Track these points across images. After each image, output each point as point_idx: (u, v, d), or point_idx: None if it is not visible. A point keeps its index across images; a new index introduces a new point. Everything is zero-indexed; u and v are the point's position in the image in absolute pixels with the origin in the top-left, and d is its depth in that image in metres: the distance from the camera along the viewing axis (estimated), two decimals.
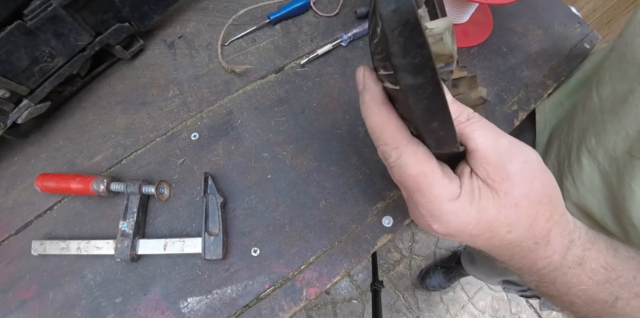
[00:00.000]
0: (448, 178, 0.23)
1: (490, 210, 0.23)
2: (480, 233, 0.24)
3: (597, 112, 0.42)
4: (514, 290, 0.82)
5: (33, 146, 0.43)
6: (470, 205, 0.23)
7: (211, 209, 0.40)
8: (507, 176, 0.23)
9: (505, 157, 0.23)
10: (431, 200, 0.23)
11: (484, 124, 0.24)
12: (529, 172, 0.23)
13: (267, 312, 0.38)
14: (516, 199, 0.23)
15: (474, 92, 0.34)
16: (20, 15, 0.33)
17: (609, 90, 0.41)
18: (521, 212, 0.23)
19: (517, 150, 0.23)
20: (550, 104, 0.57)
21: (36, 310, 0.37)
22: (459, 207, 0.23)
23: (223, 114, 0.46)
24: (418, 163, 0.23)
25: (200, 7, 0.51)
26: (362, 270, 1.43)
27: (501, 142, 0.23)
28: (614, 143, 0.39)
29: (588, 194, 0.45)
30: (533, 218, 0.23)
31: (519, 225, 0.23)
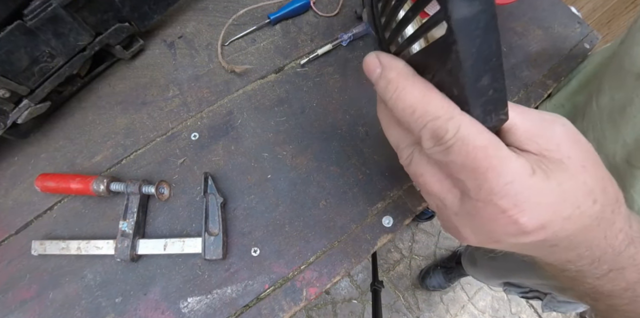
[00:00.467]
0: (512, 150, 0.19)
1: (568, 181, 0.19)
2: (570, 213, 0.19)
3: (596, 119, 0.43)
4: (515, 292, 0.82)
5: (33, 146, 0.43)
6: (549, 179, 0.18)
7: (211, 209, 0.40)
8: (561, 141, 0.20)
9: (546, 124, 0.20)
10: (511, 180, 0.18)
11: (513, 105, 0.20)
12: (574, 133, 0.21)
13: (267, 312, 0.38)
14: (582, 161, 0.19)
15: None
16: (20, 15, 0.33)
17: (607, 99, 0.42)
18: (591, 174, 0.19)
19: (549, 117, 0.21)
20: (551, 105, 0.57)
21: (36, 310, 0.37)
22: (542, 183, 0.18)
23: (223, 114, 0.46)
24: (483, 133, 0.18)
25: (200, 7, 0.51)
26: (362, 270, 1.43)
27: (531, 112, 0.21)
28: (613, 151, 0.40)
29: None
30: (601, 178, 0.20)
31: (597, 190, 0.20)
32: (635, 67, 0.37)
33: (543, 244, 0.20)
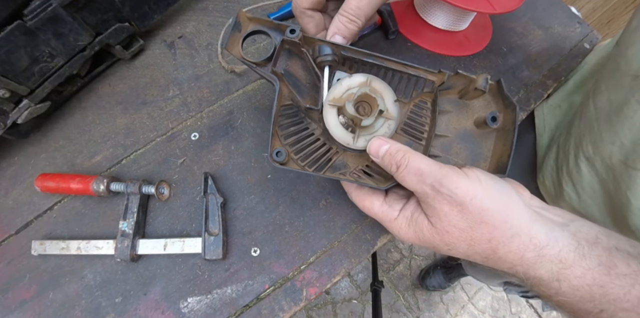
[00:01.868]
0: (388, 204, 0.33)
1: (426, 234, 0.29)
2: (426, 246, 0.31)
3: (593, 121, 0.43)
4: (515, 291, 0.82)
5: (33, 146, 0.43)
6: (408, 226, 0.31)
7: (211, 209, 0.40)
8: (433, 211, 0.28)
9: (429, 197, 0.28)
10: (380, 221, 0.33)
11: (410, 170, 0.29)
12: (453, 206, 0.27)
13: (267, 312, 0.38)
14: (446, 228, 0.28)
15: (471, 85, 0.34)
16: (20, 15, 0.33)
17: (604, 100, 0.41)
18: (453, 236, 0.28)
19: (439, 189, 0.27)
20: (548, 106, 0.57)
21: (36, 310, 0.37)
22: (398, 226, 0.31)
23: (223, 114, 0.46)
24: (360, 201, 0.34)
25: (200, 7, 0.51)
26: (362, 270, 1.43)
27: (426, 184, 0.28)
28: (610, 152, 0.39)
29: (589, 200, 0.45)
30: (469, 240, 0.28)
31: (457, 245, 0.28)
32: (631, 68, 0.37)
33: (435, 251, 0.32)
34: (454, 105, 0.36)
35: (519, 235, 0.26)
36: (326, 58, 0.34)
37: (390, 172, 0.30)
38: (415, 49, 0.53)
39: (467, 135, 0.36)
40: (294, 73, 0.36)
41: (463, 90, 0.36)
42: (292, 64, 0.35)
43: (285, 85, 0.34)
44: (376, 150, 0.31)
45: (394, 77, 0.36)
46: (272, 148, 0.32)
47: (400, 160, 0.29)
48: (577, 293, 0.25)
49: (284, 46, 0.34)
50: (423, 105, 0.37)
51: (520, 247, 0.26)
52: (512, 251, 0.26)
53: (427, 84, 0.36)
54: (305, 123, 0.35)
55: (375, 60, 0.35)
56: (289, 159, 0.32)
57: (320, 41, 0.34)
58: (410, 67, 0.35)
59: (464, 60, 0.53)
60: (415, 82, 0.36)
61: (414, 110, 0.36)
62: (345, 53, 0.34)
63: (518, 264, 0.26)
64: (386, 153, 0.30)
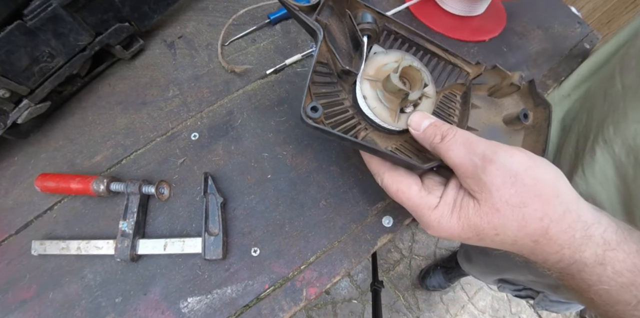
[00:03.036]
0: (427, 190, 0.29)
1: (472, 217, 0.26)
2: (469, 236, 0.27)
3: (619, 99, 0.41)
4: (509, 289, 0.82)
5: (33, 146, 0.43)
6: (451, 213, 0.27)
7: (211, 209, 0.40)
8: (483, 185, 0.25)
9: (479, 168, 0.26)
10: (414, 210, 0.29)
11: (458, 139, 0.27)
12: (507, 177, 0.25)
13: (267, 312, 0.38)
14: (496, 205, 0.25)
15: (505, 80, 0.34)
16: (20, 15, 0.33)
17: (632, 75, 0.40)
18: (504, 216, 0.25)
19: (491, 158, 0.25)
20: (559, 95, 0.55)
21: (36, 310, 0.37)
22: (439, 215, 0.27)
23: (223, 114, 0.46)
24: (394, 184, 0.30)
25: (200, 7, 0.51)
26: (362, 270, 1.43)
27: (475, 153, 0.26)
28: (634, 131, 0.38)
29: (599, 187, 0.43)
30: (520, 219, 0.25)
31: (506, 227, 0.25)
32: None
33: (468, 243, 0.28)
34: (483, 102, 0.36)
35: (569, 211, 0.24)
36: (367, 26, 0.31)
37: (431, 145, 0.28)
38: None
39: (496, 131, 0.35)
40: (333, 34, 0.32)
41: (495, 87, 0.35)
42: (332, 23, 0.32)
43: (326, 41, 0.30)
44: (418, 123, 0.29)
45: (430, 61, 0.35)
46: (306, 103, 0.27)
47: (447, 130, 0.27)
48: (619, 279, 0.24)
49: (329, 1, 0.31)
50: (452, 97, 0.36)
51: (572, 225, 0.24)
52: (563, 230, 0.24)
53: (461, 75, 0.35)
54: (337, 89, 0.32)
55: (418, 39, 0.33)
56: (320, 119, 0.28)
57: (366, 7, 0.32)
58: (450, 53, 0.34)
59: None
60: (450, 71, 0.35)
61: (443, 101, 0.35)
62: (388, 25, 0.33)
63: (567, 246, 0.24)
64: (430, 125, 0.28)
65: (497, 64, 0.34)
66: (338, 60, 0.30)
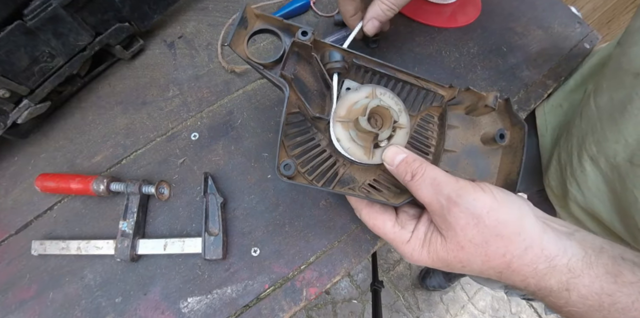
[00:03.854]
0: (400, 225, 0.32)
1: (440, 252, 0.29)
2: (439, 266, 0.30)
3: (595, 120, 0.42)
4: (516, 294, 0.82)
5: (33, 146, 0.43)
6: (422, 247, 0.30)
7: (211, 209, 0.40)
8: (449, 225, 0.28)
9: (445, 209, 0.27)
10: (390, 242, 0.32)
11: (426, 179, 0.28)
12: (470, 219, 0.27)
13: (267, 312, 0.38)
14: (461, 243, 0.27)
15: (480, 101, 0.34)
16: (20, 15, 0.33)
17: (605, 99, 0.41)
18: (469, 252, 0.27)
19: (456, 200, 0.27)
20: (549, 106, 0.57)
21: (36, 310, 0.37)
22: (411, 248, 0.30)
23: (223, 114, 0.46)
24: (371, 220, 0.32)
25: (200, 7, 0.51)
26: (362, 270, 1.43)
27: (442, 194, 0.28)
28: (614, 151, 0.39)
29: (595, 199, 0.45)
30: (483, 255, 0.27)
31: (471, 262, 0.28)
32: (633, 66, 0.37)
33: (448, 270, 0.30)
34: (461, 121, 0.36)
35: (532, 247, 0.26)
36: (336, 65, 0.32)
37: (403, 181, 0.30)
38: (406, 29, 0.53)
39: (474, 151, 0.36)
40: (302, 79, 0.34)
41: (471, 106, 0.36)
42: (300, 69, 0.34)
43: (294, 91, 0.32)
44: (392, 158, 0.30)
45: (403, 88, 0.36)
46: (280, 160, 0.29)
47: (417, 169, 0.29)
48: (586, 302, 0.25)
49: (293, 49, 0.32)
50: (430, 119, 0.37)
51: (534, 259, 0.26)
52: (526, 264, 0.26)
53: (436, 98, 0.36)
54: (312, 133, 0.33)
55: (387, 70, 0.34)
56: (296, 172, 0.30)
57: (332, 46, 0.33)
58: (422, 80, 0.35)
59: (462, 59, 0.53)
60: (424, 95, 0.36)
61: (420, 124, 0.36)
62: (357, 61, 0.33)
63: (530, 276, 0.26)
64: (402, 161, 0.30)
65: (470, 87, 0.35)
66: (309, 109, 0.32)
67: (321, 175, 0.32)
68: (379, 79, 0.35)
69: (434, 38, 0.53)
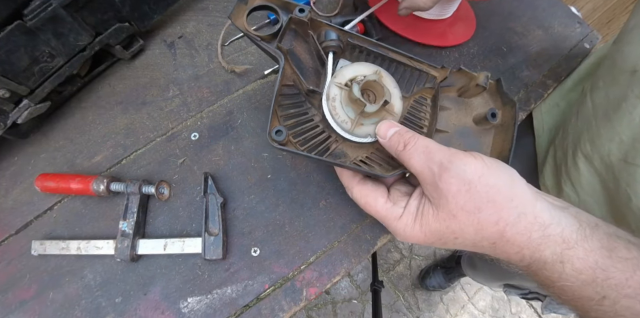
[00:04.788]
0: (392, 202, 0.31)
1: (432, 224, 0.28)
2: (432, 241, 0.29)
3: (590, 117, 0.42)
4: (515, 293, 0.82)
5: (33, 146, 0.43)
6: (414, 221, 0.29)
7: (211, 209, 0.40)
8: (440, 193, 0.27)
9: (436, 176, 0.27)
10: (382, 221, 0.31)
11: (418, 147, 0.28)
12: (461, 185, 0.26)
13: (267, 312, 0.38)
14: (453, 211, 0.27)
15: (472, 82, 0.35)
16: (20, 15, 0.33)
17: (601, 96, 0.42)
18: (461, 221, 0.27)
19: (448, 166, 0.27)
20: (546, 105, 0.57)
21: (36, 310, 0.37)
22: (403, 224, 0.29)
23: (223, 114, 0.46)
24: (362, 197, 0.32)
25: (200, 7, 0.51)
26: (362, 270, 1.43)
27: (433, 161, 0.27)
28: (608, 149, 0.39)
29: (588, 198, 0.45)
30: (476, 224, 0.26)
31: (464, 232, 0.27)
32: (628, 64, 0.37)
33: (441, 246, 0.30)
34: (453, 103, 0.37)
35: (524, 214, 0.26)
36: (331, 43, 0.33)
37: (395, 152, 0.30)
38: (402, 46, 0.53)
39: (466, 132, 0.36)
40: (299, 55, 0.34)
41: (463, 88, 0.36)
42: (296, 45, 0.34)
43: (289, 64, 0.33)
44: (385, 131, 0.30)
45: (397, 69, 0.36)
46: (272, 127, 0.30)
47: (409, 139, 0.29)
48: (579, 276, 0.24)
49: (290, 25, 0.33)
50: (423, 101, 0.37)
51: (527, 226, 0.25)
52: (520, 232, 0.26)
53: (429, 80, 0.37)
54: (305, 107, 0.34)
55: (381, 50, 0.35)
56: (287, 140, 0.30)
57: (328, 25, 0.34)
58: (415, 60, 0.36)
59: (462, 59, 0.53)
60: (417, 76, 0.37)
61: (414, 106, 0.36)
62: (351, 40, 0.34)
63: (525, 246, 0.26)
64: (395, 133, 0.30)
65: (462, 66, 0.35)
66: (303, 81, 0.32)
67: (313, 147, 0.32)
68: (373, 58, 0.35)
69: None
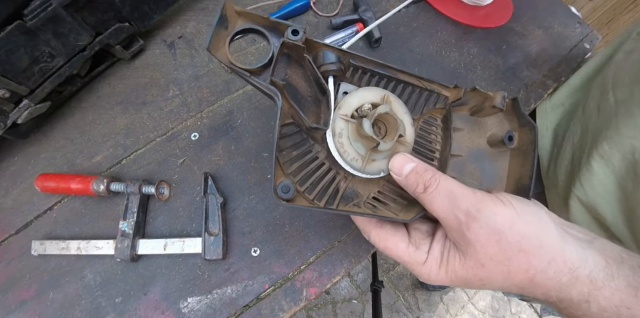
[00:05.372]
0: (415, 246, 0.29)
1: (458, 271, 0.27)
2: (457, 284, 0.28)
3: (612, 114, 0.41)
4: (514, 295, 0.82)
5: (33, 146, 0.43)
6: (439, 267, 0.28)
7: (211, 209, 0.40)
8: (468, 242, 0.26)
9: (463, 225, 0.25)
10: (405, 264, 0.30)
11: (441, 191, 0.26)
12: (490, 235, 0.25)
13: (267, 312, 0.38)
14: (481, 261, 0.26)
15: (487, 102, 0.32)
16: (20, 15, 0.33)
17: (625, 91, 0.40)
18: (489, 270, 0.26)
19: (476, 215, 0.25)
20: (551, 105, 0.56)
21: (36, 310, 0.37)
22: (428, 269, 0.28)
23: (223, 114, 0.46)
24: (381, 242, 0.30)
25: (200, 7, 0.51)
26: (362, 270, 1.43)
27: (459, 209, 0.26)
28: (631, 147, 0.38)
29: (599, 198, 0.44)
30: (505, 273, 0.26)
31: (492, 280, 0.26)
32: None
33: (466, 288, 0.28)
34: (465, 122, 0.34)
35: (554, 259, 0.25)
36: (331, 67, 0.29)
37: (414, 193, 0.27)
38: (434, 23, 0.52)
39: (480, 155, 0.33)
40: (294, 84, 0.30)
41: (476, 107, 0.33)
42: (291, 73, 0.30)
43: (286, 99, 0.28)
44: (399, 168, 0.28)
45: (404, 90, 0.33)
46: (277, 181, 0.26)
47: (430, 180, 0.26)
48: (604, 314, 0.24)
49: (283, 50, 0.28)
50: (433, 121, 0.34)
51: (557, 272, 0.25)
52: (549, 277, 0.25)
53: (440, 100, 0.34)
54: (308, 145, 0.30)
55: (388, 71, 0.31)
56: (296, 193, 0.27)
57: (325, 46, 0.29)
58: (426, 80, 0.33)
59: (462, 59, 0.53)
60: (427, 97, 0.34)
61: (423, 127, 0.34)
62: (354, 62, 0.30)
63: (553, 289, 0.25)
64: (412, 171, 0.27)
65: (476, 86, 0.32)
66: (303, 119, 0.28)
67: (322, 191, 0.29)
68: (378, 80, 0.32)
69: (434, 38, 0.54)
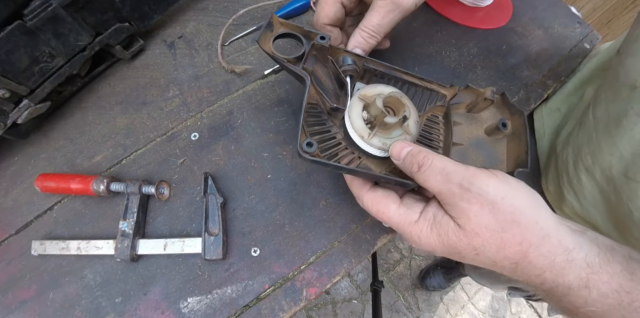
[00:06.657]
0: (406, 207, 0.30)
1: (451, 237, 0.27)
2: (450, 253, 0.28)
3: (592, 131, 0.42)
4: (519, 295, 0.82)
5: (33, 146, 0.43)
6: (431, 229, 0.28)
7: (211, 209, 0.40)
8: (462, 211, 0.26)
9: (457, 196, 0.26)
10: (396, 227, 0.30)
11: (434, 169, 0.27)
12: (485, 204, 0.26)
13: (267, 312, 0.38)
14: (475, 230, 0.26)
15: (479, 97, 0.38)
16: (20, 15, 0.33)
17: (602, 110, 0.41)
18: (483, 238, 0.26)
19: (468, 187, 0.26)
20: (547, 109, 0.57)
21: (36, 310, 0.37)
22: (419, 230, 0.28)
23: (223, 114, 0.46)
24: (374, 205, 0.31)
25: (200, 7, 0.51)
26: (362, 270, 1.43)
27: (453, 182, 0.26)
28: (609, 163, 0.39)
29: (591, 208, 0.44)
30: (498, 243, 0.26)
31: (485, 249, 0.26)
32: (629, 78, 0.37)
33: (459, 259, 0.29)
34: (464, 118, 0.39)
35: (549, 236, 0.25)
36: (349, 68, 0.36)
37: (410, 174, 0.29)
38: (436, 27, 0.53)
39: (480, 143, 0.38)
40: (319, 77, 0.37)
41: (471, 104, 0.39)
42: (317, 69, 0.37)
43: (313, 84, 0.35)
44: (398, 152, 0.30)
45: (409, 90, 0.40)
46: (301, 140, 0.30)
47: (423, 160, 0.28)
48: (605, 301, 0.24)
49: (312, 51, 0.36)
50: (435, 118, 0.40)
51: (551, 249, 0.25)
52: (543, 254, 0.25)
53: (439, 98, 0.40)
54: (328, 125, 0.35)
55: (395, 72, 0.38)
56: (316, 154, 0.31)
57: (345, 52, 0.37)
58: (425, 80, 0.39)
59: (462, 59, 0.53)
60: (428, 96, 0.40)
61: (427, 124, 0.39)
62: (367, 65, 0.38)
63: (548, 270, 0.25)
64: (408, 154, 0.29)
65: (469, 84, 0.38)
66: (326, 100, 0.35)
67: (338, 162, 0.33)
68: (387, 81, 0.39)
69: (434, 38, 0.54)
